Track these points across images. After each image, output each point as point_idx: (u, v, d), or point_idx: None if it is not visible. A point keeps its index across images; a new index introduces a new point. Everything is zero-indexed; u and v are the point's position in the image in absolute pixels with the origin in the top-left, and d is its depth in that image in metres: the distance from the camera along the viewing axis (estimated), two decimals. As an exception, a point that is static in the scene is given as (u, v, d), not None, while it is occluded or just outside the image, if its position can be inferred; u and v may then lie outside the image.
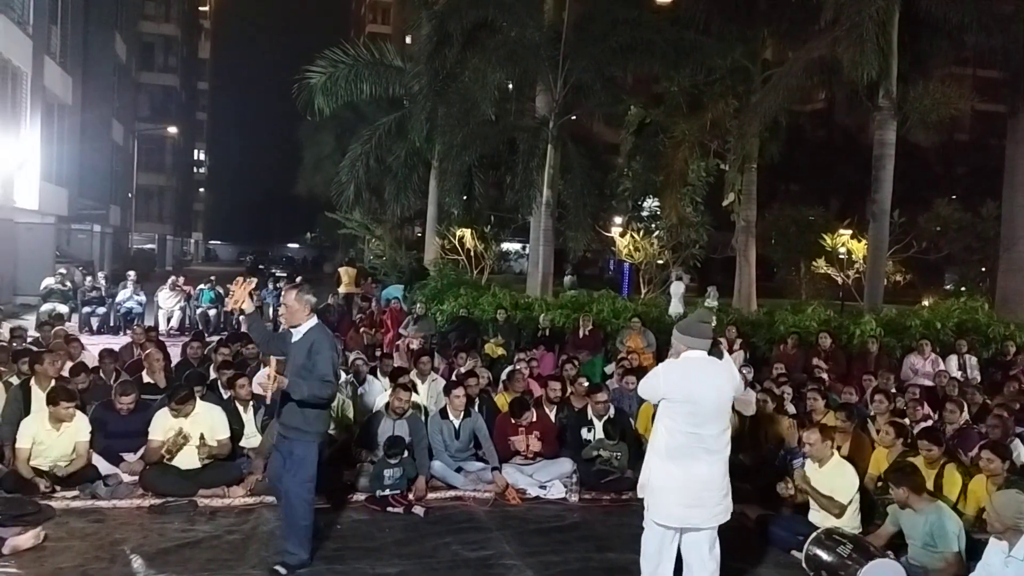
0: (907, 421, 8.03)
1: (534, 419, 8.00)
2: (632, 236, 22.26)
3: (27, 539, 5.57)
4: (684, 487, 4.71)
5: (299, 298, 5.50)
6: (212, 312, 17.63)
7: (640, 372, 10.53)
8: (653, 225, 23.27)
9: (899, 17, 15.38)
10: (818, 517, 6.12)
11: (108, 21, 32.13)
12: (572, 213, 19.09)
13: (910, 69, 16.49)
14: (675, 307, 17.22)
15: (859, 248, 25.51)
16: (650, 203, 24.95)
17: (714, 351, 4.90)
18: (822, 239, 27.90)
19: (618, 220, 24.92)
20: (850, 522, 6.03)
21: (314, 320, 5.55)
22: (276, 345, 5.67)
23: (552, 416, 8.40)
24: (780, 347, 12.68)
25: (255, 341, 5.42)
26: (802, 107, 33.56)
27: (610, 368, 11.89)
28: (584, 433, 8.08)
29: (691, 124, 18.65)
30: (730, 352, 12.06)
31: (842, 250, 27.44)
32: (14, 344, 9.96)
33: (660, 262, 21.87)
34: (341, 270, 21.43)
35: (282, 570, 5.38)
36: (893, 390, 9.43)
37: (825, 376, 10.52)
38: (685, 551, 4.87)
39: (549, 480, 7.48)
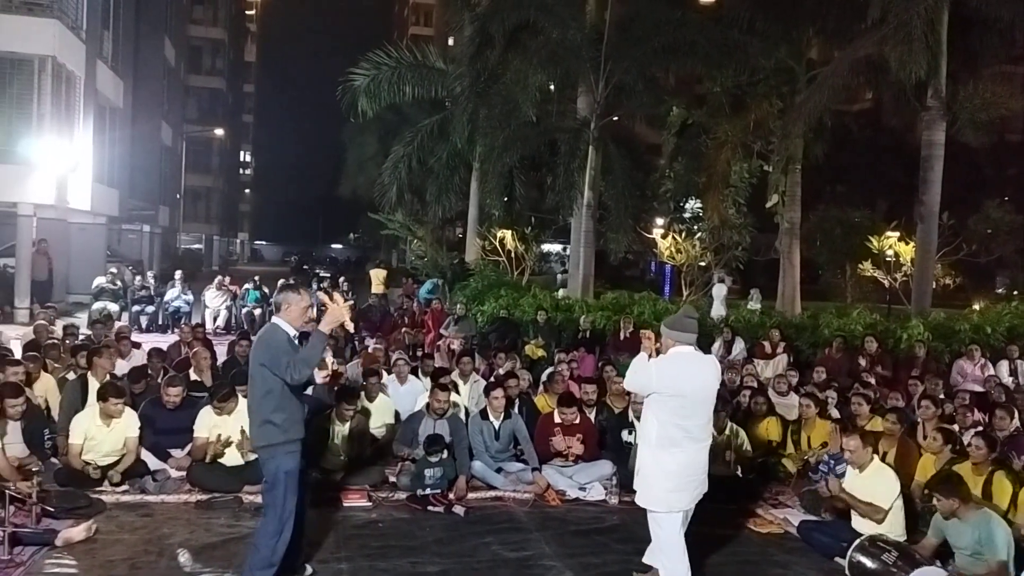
0: (956, 427, 7.88)
1: (576, 420, 8.01)
2: (674, 238, 22.12)
3: (79, 532, 5.72)
4: (672, 474, 5.03)
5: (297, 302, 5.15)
6: (257, 311, 17.91)
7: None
8: (695, 227, 23.10)
9: (948, 15, 15.10)
10: (861, 524, 6.04)
11: (158, 26, 32.78)
12: (613, 214, 19.03)
13: (960, 68, 16.18)
14: (717, 310, 17.08)
15: (907, 251, 25.02)
16: (692, 204, 24.78)
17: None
18: (868, 241, 27.40)
19: (660, 222, 24.78)
20: (894, 528, 5.94)
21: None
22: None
23: (592, 418, 8.40)
24: (824, 351, 12.53)
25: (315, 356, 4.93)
26: (848, 107, 32.97)
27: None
28: (625, 435, 8.06)
29: (734, 125, 18.48)
30: (773, 355, 12.14)
31: (889, 253, 26.93)
32: (67, 341, 10.24)
33: (702, 264, 21.70)
34: (372, 272, 21.88)
35: None
36: (941, 396, 9.27)
37: (872, 381, 10.36)
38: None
39: (589, 482, 7.48)
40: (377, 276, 21.59)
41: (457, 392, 8.68)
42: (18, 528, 5.52)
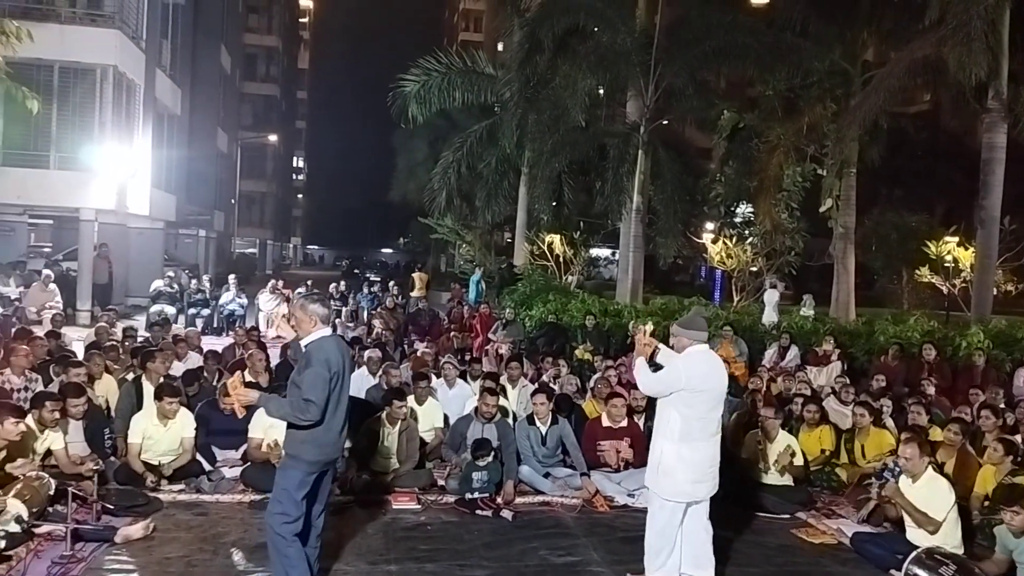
0: (1018, 438, 7.65)
1: (624, 425, 7.97)
2: (724, 243, 21.89)
3: (137, 529, 5.87)
4: (694, 465, 5.24)
5: (302, 308, 4.96)
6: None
7: (731, 381, 10.42)
8: (746, 231, 22.82)
9: (1010, 14, 14.70)
10: (916, 535, 5.90)
11: (214, 34, 33.51)
12: (662, 219, 18.90)
13: (1021, 68, 15.72)
14: (769, 315, 16.86)
15: (966, 256, 24.39)
16: (743, 209, 24.50)
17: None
18: (926, 246, 26.76)
19: (710, 226, 24.54)
20: (949, 541, 5.79)
21: (322, 332, 4.95)
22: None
23: (641, 424, 8.35)
24: (880, 359, 12.27)
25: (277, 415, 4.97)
26: (905, 109, 32.21)
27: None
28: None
29: (787, 128, 18.24)
30: (826, 363, 11.93)
31: (947, 258, 26.27)
32: (126, 343, 10.51)
33: (753, 269, 21.44)
34: (414, 276, 22.16)
35: None
36: (1002, 405, 9.01)
37: (932, 390, 10.12)
38: (688, 522, 5.38)
39: (638, 488, 7.41)
40: (420, 279, 21.90)
41: (505, 397, 8.70)
42: (80, 525, 5.68)
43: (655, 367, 5.41)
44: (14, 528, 5.37)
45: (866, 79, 17.20)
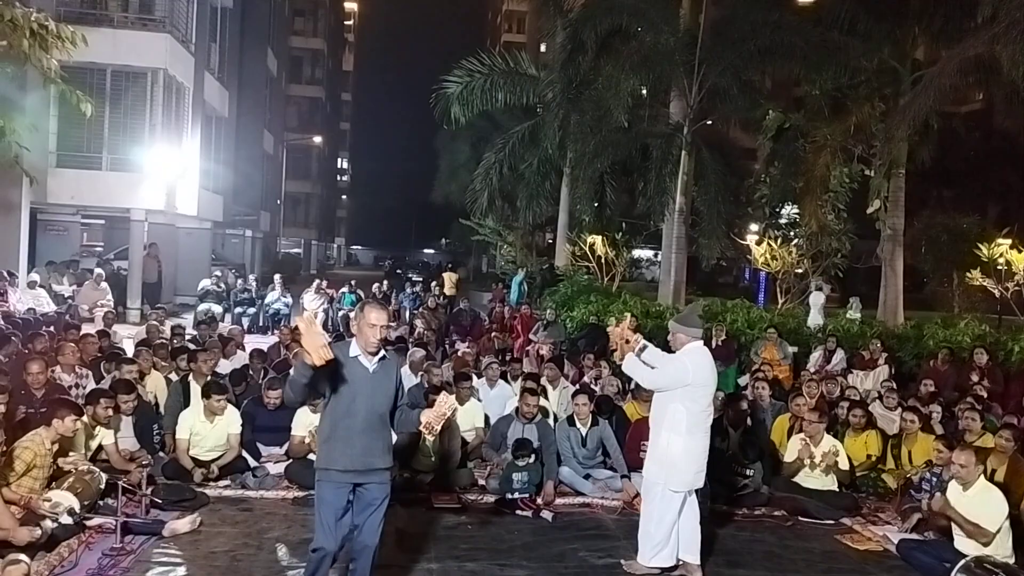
0: (1072, 446, 7.45)
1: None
2: (769, 244, 21.64)
3: (184, 524, 5.99)
4: (697, 456, 5.55)
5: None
6: (352, 314, 18.34)
7: (775, 385, 10.31)
8: (792, 233, 22.54)
9: (1068, 10, 14.29)
10: (965, 544, 5.77)
11: (261, 37, 34.00)
12: (706, 220, 18.74)
13: (1079, 66, 15.27)
14: (814, 318, 16.63)
15: (1019, 259, 23.77)
16: (789, 210, 24.18)
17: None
18: (977, 249, 26.15)
19: (754, 227, 24.28)
20: (1000, 550, 5.65)
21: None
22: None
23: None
24: (929, 363, 12.02)
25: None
26: (956, 109, 31.59)
27: (743, 379, 11.63)
28: (718, 443, 7.91)
29: (833, 128, 17.96)
30: (873, 366, 11.73)
31: (1000, 261, 25.64)
32: (174, 341, 10.72)
33: (799, 271, 21.15)
34: (445, 275, 22.27)
35: None
36: (1056, 412, 8.78)
37: (984, 395, 9.89)
38: (686, 509, 5.64)
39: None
40: (450, 279, 22.08)
41: (546, 397, 8.70)
42: (129, 518, 5.81)
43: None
44: (67, 520, 5.51)
45: (916, 78, 16.85)
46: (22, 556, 4.63)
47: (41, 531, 5.14)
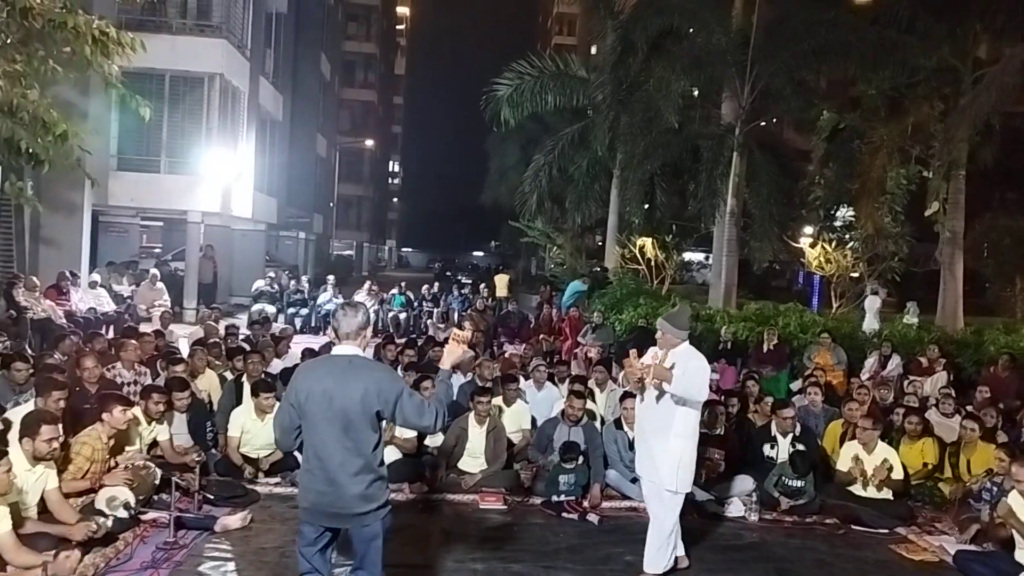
0: None
1: (720, 433, 7.83)
2: (823, 247, 21.22)
3: (235, 520, 6.10)
4: (695, 455, 5.64)
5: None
6: (403, 316, 18.54)
7: (829, 390, 10.12)
8: (847, 235, 22.07)
9: None
10: (1027, 556, 5.60)
11: (315, 42, 34.50)
12: (758, 222, 18.46)
13: None
14: (870, 323, 16.25)
15: (1087, 263, 22.98)
16: (844, 212, 23.68)
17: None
18: (1042, 252, 25.35)
19: (808, 230, 23.83)
20: (1063, 564, 5.47)
21: (337, 350, 4.17)
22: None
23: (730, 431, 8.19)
24: (989, 369, 11.69)
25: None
26: (1019, 108, 30.64)
27: (795, 384, 11.44)
28: (767, 450, 7.82)
29: (891, 128, 17.57)
30: (931, 372, 11.43)
31: (1066, 265, 24.80)
32: (228, 341, 10.93)
33: (854, 275, 20.71)
34: (496, 277, 22.29)
35: None
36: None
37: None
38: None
39: (728, 497, 7.29)
40: (501, 280, 22.13)
41: (593, 400, 8.67)
42: (182, 513, 5.94)
43: None
44: (122, 514, 5.66)
45: (977, 77, 16.41)
46: (75, 550, 4.75)
47: (97, 526, 5.27)
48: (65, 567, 4.46)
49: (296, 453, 7.41)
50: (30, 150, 8.79)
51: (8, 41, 8.98)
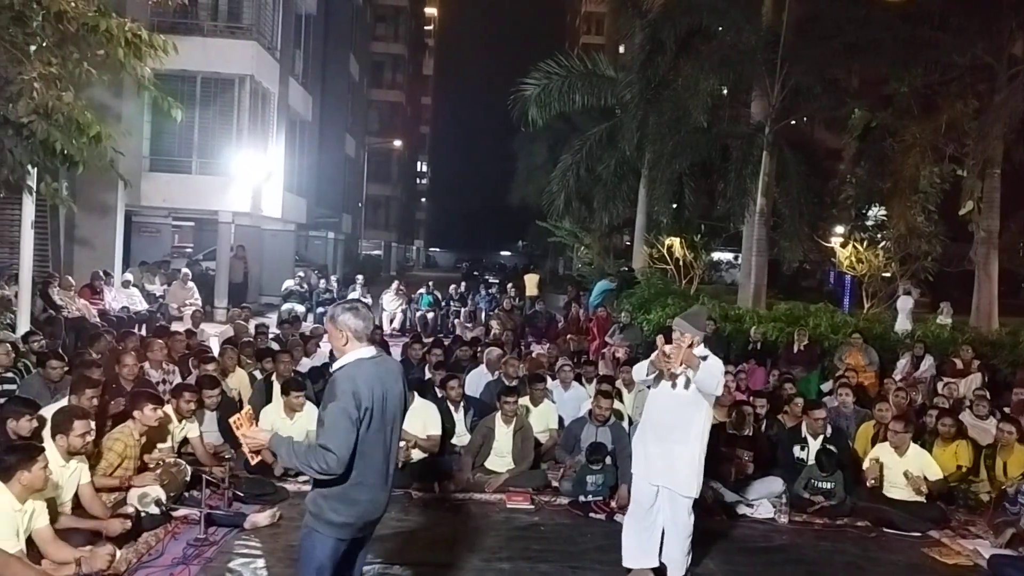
0: None
1: (749, 434, 7.77)
2: (855, 247, 20.97)
3: (265, 517, 6.15)
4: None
5: (331, 319, 3.81)
6: (430, 315, 18.60)
7: (860, 391, 10.00)
8: (879, 235, 21.79)
9: None
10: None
11: (344, 43, 34.71)
12: (788, 222, 18.27)
13: None
14: (902, 323, 16.03)
15: None
16: (876, 211, 23.39)
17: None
18: (1080, 252, 24.89)
19: (839, 229, 23.56)
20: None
21: (361, 353, 3.76)
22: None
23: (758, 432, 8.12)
24: (1024, 371, 11.48)
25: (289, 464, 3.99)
26: (1058, 105, 30.09)
27: (826, 385, 11.32)
28: (797, 451, 7.74)
29: (923, 126, 17.31)
30: (965, 374, 11.26)
31: (1106, 265, 24.32)
32: (258, 340, 11.03)
33: (886, 275, 20.44)
34: (526, 277, 22.26)
35: None
36: None
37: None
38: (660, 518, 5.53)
39: (757, 498, 7.23)
40: (531, 280, 22.14)
41: (621, 400, 8.64)
42: (213, 510, 6.01)
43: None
44: (154, 510, 5.74)
45: (1013, 74, 16.11)
46: (108, 544, 4.82)
47: (131, 521, 5.35)
48: (99, 561, 4.52)
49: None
50: (65, 151, 8.91)
51: (44, 44, 9.11)
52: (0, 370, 7.62)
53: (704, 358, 5.25)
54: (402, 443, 7.31)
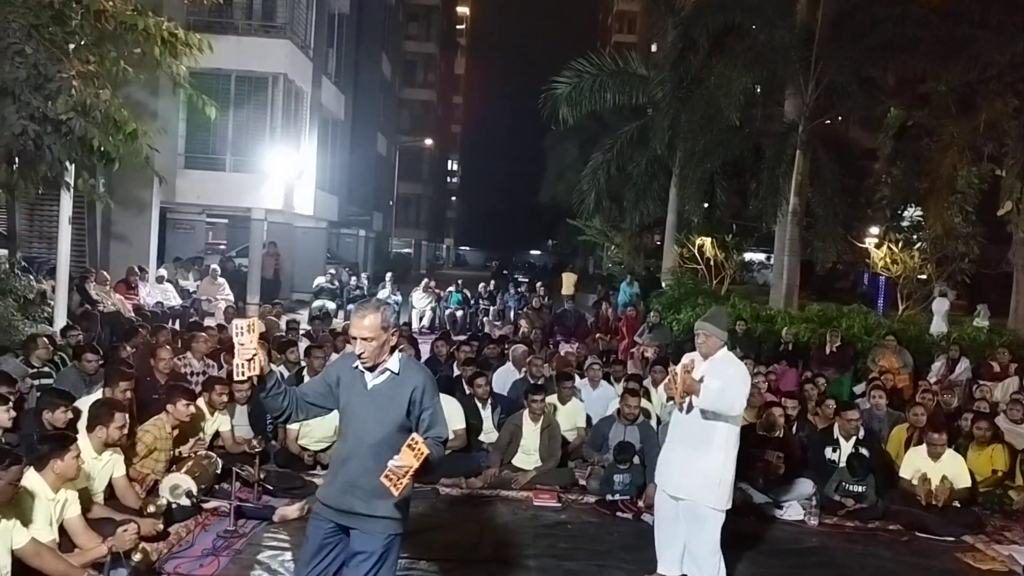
0: None
1: (779, 435, 7.70)
2: (890, 247, 20.69)
3: (293, 510, 6.20)
4: (734, 470, 5.22)
5: (384, 320, 3.70)
6: (459, 313, 18.66)
7: (894, 394, 9.86)
8: (914, 236, 21.47)
9: None
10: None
11: (376, 42, 34.89)
12: (821, 222, 18.04)
13: None
14: (937, 325, 15.82)
15: None
16: (911, 212, 23.05)
17: None
18: (1123, 254, 24.28)
19: (874, 230, 23.25)
20: None
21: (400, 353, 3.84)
22: (310, 409, 3.90)
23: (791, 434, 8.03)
24: (1065, 375, 11.24)
25: (271, 408, 3.88)
26: (1101, 104, 29.43)
27: (859, 388, 11.18)
28: (828, 453, 7.65)
29: (961, 125, 17.00)
30: (1002, 377, 11.06)
31: None
32: (289, 335, 11.13)
33: (922, 276, 20.14)
34: (563, 276, 22.23)
35: None
36: None
37: None
38: (684, 527, 5.32)
39: (787, 500, 7.16)
40: (568, 280, 22.05)
41: (649, 400, 8.59)
42: (242, 502, 6.07)
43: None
44: (185, 502, 5.81)
45: (1055, 72, 15.79)
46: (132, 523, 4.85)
47: (161, 516, 5.40)
48: (125, 539, 4.58)
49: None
50: (102, 148, 9.05)
51: (82, 43, 9.26)
52: (38, 363, 7.76)
53: (731, 370, 5.13)
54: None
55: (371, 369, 3.72)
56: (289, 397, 3.78)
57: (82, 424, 5.51)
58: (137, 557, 4.63)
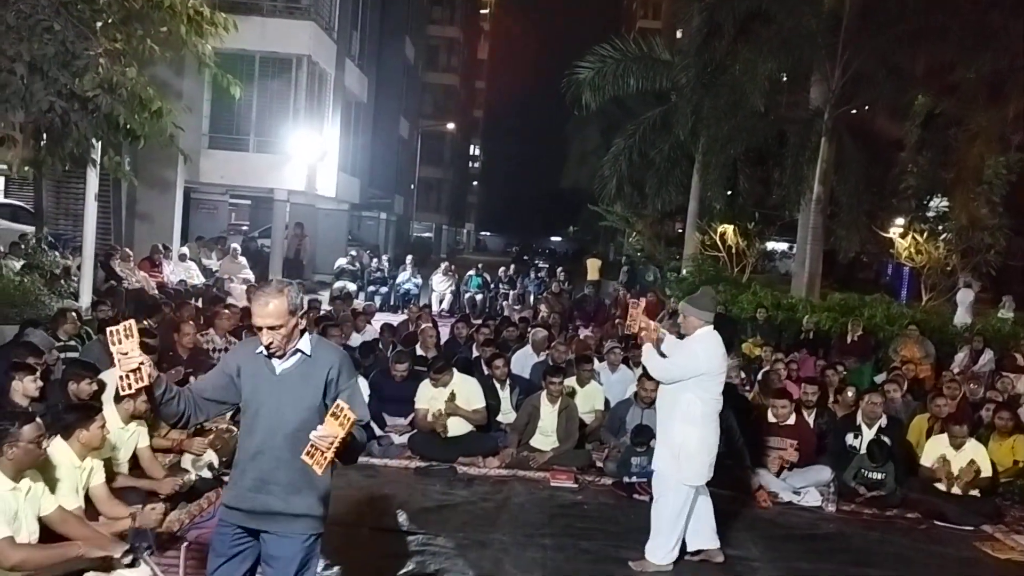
0: None
1: (792, 423, 7.67)
2: (914, 238, 20.46)
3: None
4: (711, 447, 5.34)
5: (290, 303, 3.36)
6: (479, 296, 18.70)
7: (916, 384, 9.80)
8: (940, 226, 21.22)
9: None
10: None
11: (400, 26, 34.88)
12: (845, 211, 17.87)
13: None
14: (961, 317, 15.67)
15: None
16: (937, 202, 22.78)
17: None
18: None
19: (899, 220, 23.00)
20: None
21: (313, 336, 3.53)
22: (209, 407, 3.49)
23: (811, 421, 8.00)
24: (1090, 367, 11.12)
25: (166, 415, 3.48)
26: None
27: (880, 377, 11.11)
28: (850, 439, 7.61)
29: (990, 115, 16.78)
30: (1024, 370, 10.95)
31: None
32: (310, 315, 11.21)
33: (947, 267, 19.92)
34: (588, 261, 22.20)
35: None
36: None
37: None
38: (700, 500, 5.45)
39: (804, 486, 7.15)
40: (593, 265, 22.00)
41: (668, 384, 8.58)
42: (263, 476, 6.13)
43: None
44: (206, 474, 5.90)
45: (1087, 61, 15.54)
46: (160, 503, 4.96)
47: (183, 483, 5.51)
48: (151, 518, 4.67)
49: (372, 424, 7.66)
50: (128, 125, 9.14)
51: (109, 21, 9.34)
52: (65, 337, 7.88)
53: (694, 344, 5.30)
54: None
55: (281, 357, 3.38)
56: (184, 400, 3.36)
57: (108, 395, 5.59)
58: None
